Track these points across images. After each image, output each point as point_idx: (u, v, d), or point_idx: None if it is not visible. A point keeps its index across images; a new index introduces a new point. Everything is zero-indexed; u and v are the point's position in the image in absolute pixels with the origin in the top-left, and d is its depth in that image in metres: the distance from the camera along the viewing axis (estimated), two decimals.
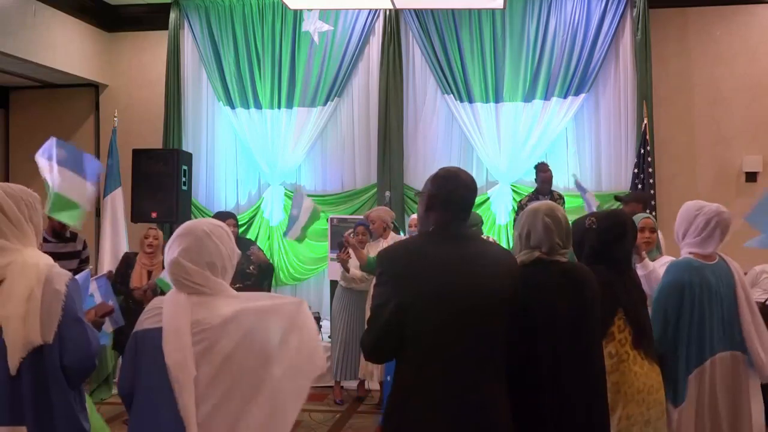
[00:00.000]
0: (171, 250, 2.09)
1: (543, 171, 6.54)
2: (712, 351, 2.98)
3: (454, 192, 2.22)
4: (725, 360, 3.02)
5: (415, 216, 5.65)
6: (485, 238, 4.99)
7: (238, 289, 4.97)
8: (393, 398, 2.19)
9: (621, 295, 2.72)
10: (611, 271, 2.69)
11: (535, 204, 2.59)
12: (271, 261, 6.43)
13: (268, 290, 5.58)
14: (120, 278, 5.16)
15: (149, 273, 5.18)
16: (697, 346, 2.96)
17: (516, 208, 6.82)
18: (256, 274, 5.24)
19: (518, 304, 2.27)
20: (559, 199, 6.47)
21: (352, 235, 5.49)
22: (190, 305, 2.00)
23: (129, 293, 5.10)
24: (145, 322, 2.05)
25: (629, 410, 2.63)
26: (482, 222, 5.47)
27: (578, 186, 6.22)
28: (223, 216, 5.47)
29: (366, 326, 2.21)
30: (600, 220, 2.76)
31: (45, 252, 2.34)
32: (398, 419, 2.13)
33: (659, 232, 3.96)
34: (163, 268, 4.98)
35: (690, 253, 3.11)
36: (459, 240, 2.20)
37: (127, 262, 5.31)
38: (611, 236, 2.73)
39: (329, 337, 6.48)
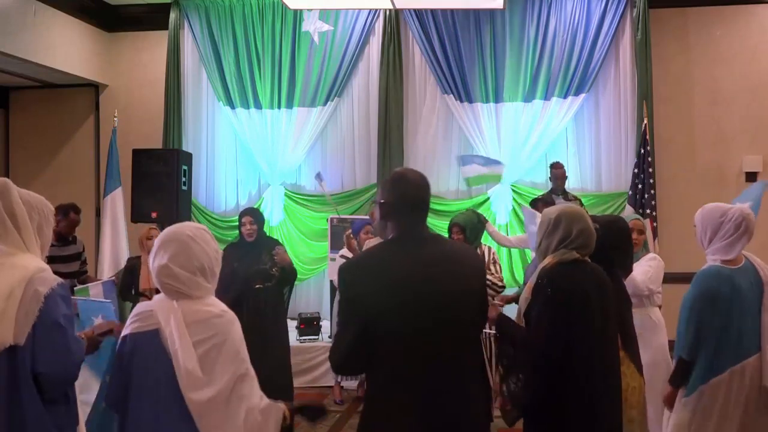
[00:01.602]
0: (158, 257, 2.09)
1: (556, 168, 6.57)
2: (736, 359, 2.98)
3: (405, 195, 2.15)
4: (754, 364, 3.01)
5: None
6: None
7: (258, 290, 4.68)
8: (366, 407, 2.16)
9: (617, 298, 2.77)
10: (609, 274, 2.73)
11: (572, 207, 2.63)
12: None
13: (288, 298, 5.18)
14: (126, 286, 5.08)
15: None
16: (716, 356, 2.97)
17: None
18: (277, 276, 4.87)
19: (485, 303, 2.25)
20: (574, 200, 6.42)
21: (351, 235, 5.48)
22: (180, 307, 2.07)
23: (139, 297, 4.99)
24: (132, 325, 2.08)
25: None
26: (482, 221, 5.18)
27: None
28: (241, 215, 5.12)
29: (333, 340, 2.16)
30: (603, 227, 2.79)
31: (49, 255, 2.31)
32: (373, 428, 2.10)
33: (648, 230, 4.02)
34: None
35: (715, 260, 3.07)
36: (420, 244, 2.13)
37: (131, 270, 5.18)
38: (612, 243, 2.77)
39: (329, 337, 6.49)
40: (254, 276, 4.79)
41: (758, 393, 3.01)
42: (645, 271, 3.80)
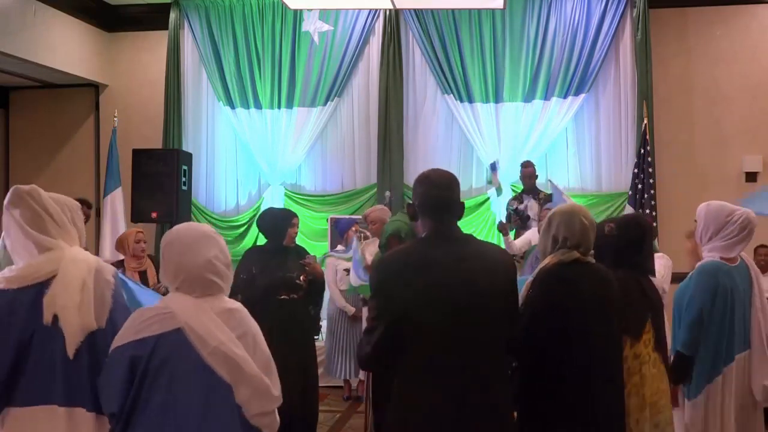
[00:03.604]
0: (193, 254, 2.11)
1: (524, 167, 6.65)
2: (730, 356, 3.01)
3: (426, 195, 2.22)
4: (743, 360, 3.05)
5: (369, 211, 5.51)
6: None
7: (283, 300, 4.14)
8: (393, 405, 2.18)
9: (651, 298, 2.80)
10: (638, 275, 2.76)
11: (566, 205, 2.67)
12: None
13: (317, 317, 4.63)
14: None
15: (141, 274, 5.05)
16: (717, 350, 2.99)
17: (509, 209, 6.72)
18: (305, 288, 4.24)
19: (516, 302, 2.28)
20: (545, 198, 6.41)
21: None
22: (203, 303, 2.13)
23: None
24: (150, 327, 2.06)
25: (646, 413, 2.67)
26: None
27: (554, 188, 6.09)
28: (290, 215, 4.39)
29: (363, 336, 2.21)
30: (619, 227, 2.80)
31: None
32: (399, 427, 2.13)
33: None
34: (155, 266, 4.85)
35: (713, 256, 3.10)
36: (448, 243, 2.19)
37: None
38: (631, 241, 2.78)
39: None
40: (279, 285, 4.11)
41: (747, 391, 3.05)
42: (657, 270, 3.80)
